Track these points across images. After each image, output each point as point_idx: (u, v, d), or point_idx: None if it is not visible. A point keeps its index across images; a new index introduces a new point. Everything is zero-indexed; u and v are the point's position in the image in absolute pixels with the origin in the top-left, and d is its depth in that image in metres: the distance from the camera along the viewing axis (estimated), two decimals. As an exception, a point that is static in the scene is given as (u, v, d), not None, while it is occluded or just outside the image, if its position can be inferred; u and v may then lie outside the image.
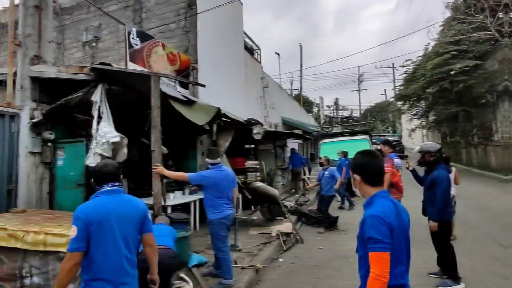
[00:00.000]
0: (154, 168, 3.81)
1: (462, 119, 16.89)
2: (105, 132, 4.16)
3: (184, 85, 6.65)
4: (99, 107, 4.20)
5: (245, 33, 14.35)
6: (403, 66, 19.18)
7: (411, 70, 18.96)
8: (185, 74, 6.89)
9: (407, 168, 4.26)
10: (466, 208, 7.68)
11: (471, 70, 14.40)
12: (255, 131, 8.84)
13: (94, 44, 11.11)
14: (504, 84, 12.58)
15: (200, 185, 3.84)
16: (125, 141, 4.44)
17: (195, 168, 9.13)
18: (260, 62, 15.95)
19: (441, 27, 16.23)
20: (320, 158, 7.40)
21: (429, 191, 3.78)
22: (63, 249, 3.14)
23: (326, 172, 6.93)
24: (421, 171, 4.24)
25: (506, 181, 11.82)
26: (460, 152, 18.45)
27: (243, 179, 8.41)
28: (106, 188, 1.90)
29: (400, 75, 21.62)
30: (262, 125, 9.27)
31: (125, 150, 4.36)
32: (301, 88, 23.56)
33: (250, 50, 14.99)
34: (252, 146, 9.85)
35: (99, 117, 4.21)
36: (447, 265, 3.68)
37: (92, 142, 4.18)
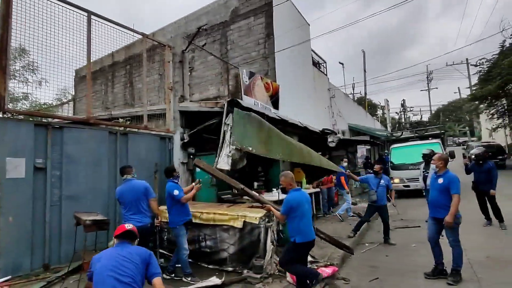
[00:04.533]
0: None
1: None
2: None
3: (275, 106, 8.36)
4: (230, 125, 6.05)
5: (312, 50, 15.81)
6: (476, 65, 18.38)
7: (486, 69, 18.10)
8: (276, 98, 8.63)
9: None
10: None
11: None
12: (329, 139, 10.20)
13: (189, 73, 13.73)
14: None
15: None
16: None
17: (277, 173, 10.83)
18: (326, 74, 17.21)
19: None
20: (375, 166, 6.68)
21: (487, 174, 6.52)
22: (226, 223, 4.94)
23: (382, 181, 6.30)
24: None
25: None
26: (552, 152, 16.97)
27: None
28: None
29: (473, 74, 20.55)
30: (336, 134, 10.55)
31: (244, 160, 6.11)
32: (365, 93, 23.93)
33: (317, 64, 16.38)
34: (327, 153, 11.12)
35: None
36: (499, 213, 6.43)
37: (224, 150, 5.99)
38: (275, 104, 8.51)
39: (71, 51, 5.14)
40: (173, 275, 4.59)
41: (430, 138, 12.37)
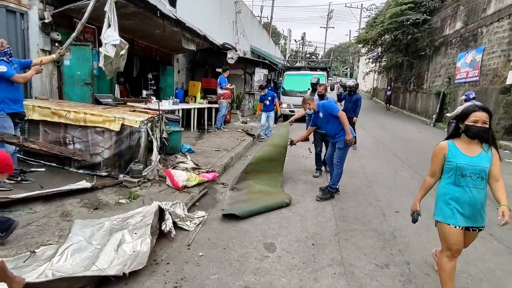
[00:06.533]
0: None
1: (405, 68, 19.17)
2: (109, 35, 4.96)
3: (172, 3, 7.20)
4: (108, 16, 4.94)
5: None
6: (367, 10, 20.17)
7: (373, 15, 20.08)
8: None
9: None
10: (385, 134, 10.37)
11: (420, 23, 15.95)
12: (229, 55, 9.83)
13: None
14: (440, 40, 14.62)
15: None
16: (126, 46, 5.27)
17: (172, 83, 10.10)
18: (234, -16, 15.73)
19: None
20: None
21: (354, 104, 7.70)
22: (100, 125, 4.36)
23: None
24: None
25: (422, 122, 14.84)
26: (399, 96, 21.32)
27: (215, 99, 9.66)
28: None
29: (363, 18, 22.54)
30: (236, 50, 10.20)
31: (124, 53, 5.19)
32: (271, 17, 23.53)
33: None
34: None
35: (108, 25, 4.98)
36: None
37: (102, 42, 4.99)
38: (173, 2, 7.33)
39: None
40: (18, 178, 3.87)
41: (318, 70, 13.51)
